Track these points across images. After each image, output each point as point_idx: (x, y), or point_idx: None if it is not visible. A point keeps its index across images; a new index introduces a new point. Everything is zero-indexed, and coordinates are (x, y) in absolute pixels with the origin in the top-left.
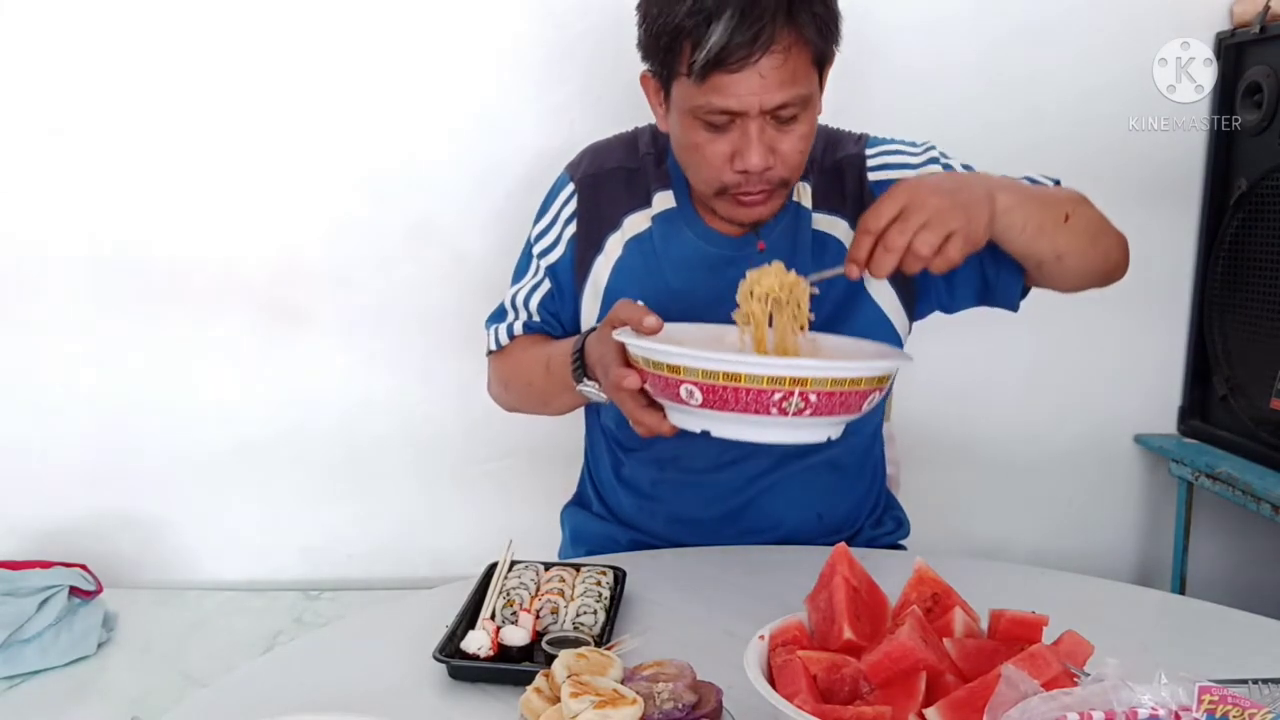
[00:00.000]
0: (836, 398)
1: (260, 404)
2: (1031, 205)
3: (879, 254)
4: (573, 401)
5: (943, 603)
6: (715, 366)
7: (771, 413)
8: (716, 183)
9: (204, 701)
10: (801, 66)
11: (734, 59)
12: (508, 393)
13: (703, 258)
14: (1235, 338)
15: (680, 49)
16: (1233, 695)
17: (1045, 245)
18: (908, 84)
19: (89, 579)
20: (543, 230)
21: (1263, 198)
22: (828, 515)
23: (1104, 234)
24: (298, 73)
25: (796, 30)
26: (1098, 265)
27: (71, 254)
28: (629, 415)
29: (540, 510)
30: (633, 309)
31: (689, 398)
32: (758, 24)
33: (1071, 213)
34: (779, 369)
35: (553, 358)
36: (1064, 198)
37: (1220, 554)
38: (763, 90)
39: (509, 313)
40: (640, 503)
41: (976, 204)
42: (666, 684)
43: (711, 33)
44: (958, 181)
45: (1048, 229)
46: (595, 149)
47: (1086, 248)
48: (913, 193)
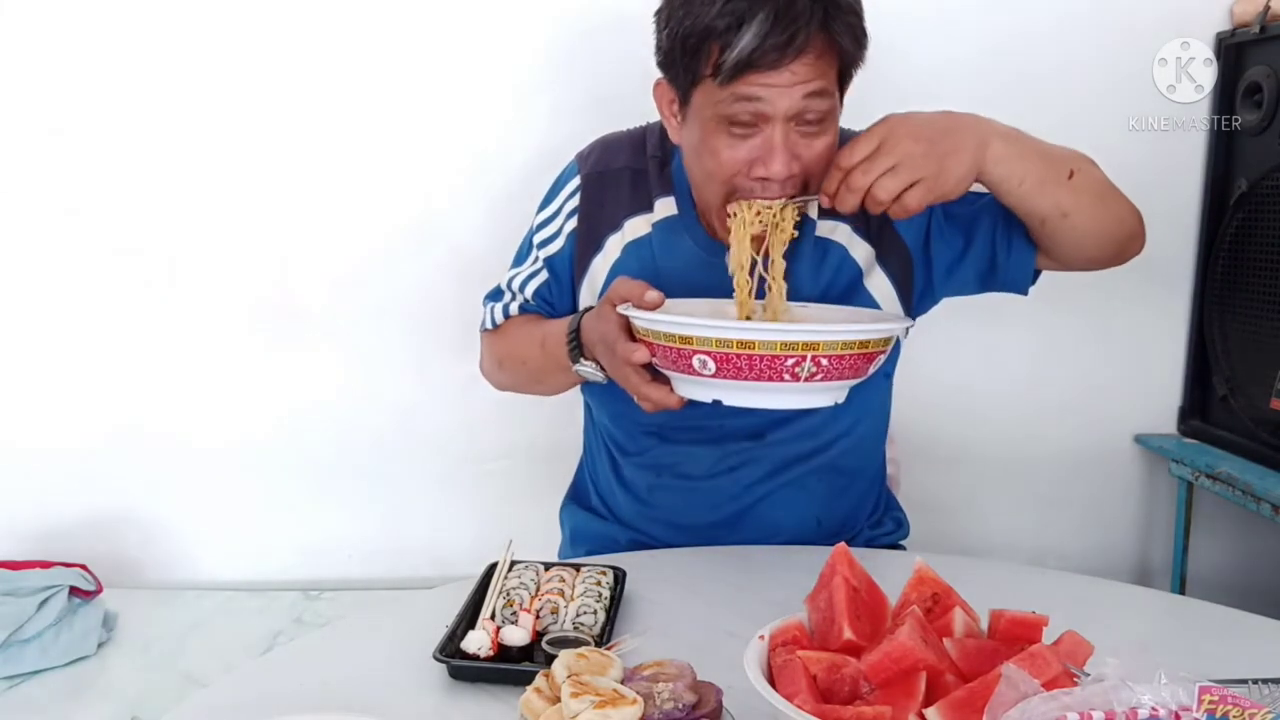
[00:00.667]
0: (846, 361)
1: (260, 404)
2: (1032, 158)
3: (842, 191)
4: (567, 380)
5: (943, 603)
6: (729, 335)
7: (784, 379)
8: (729, 186)
9: (204, 701)
10: (830, 73)
11: (768, 60)
12: (501, 370)
13: (702, 266)
14: (1235, 338)
15: (707, 51)
16: (1233, 695)
17: (1047, 201)
18: (906, 84)
19: (89, 579)
20: (545, 220)
21: (1263, 198)
22: (827, 520)
23: (1114, 197)
24: (297, 73)
25: (830, 37)
26: (1110, 228)
27: (71, 253)
28: (634, 391)
29: (540, 510)
30: (632, 285)
31: (702, 368)
32: (792, 27)
33: (1077, 170)
34: (792, 334)
35: (548, 336)
36: (1071, 154)
37: (1220, 554)
38: (790, 94)
39: (506, 293)
40: (638, 507)
41: (957, 152)
42: (666, 684)
43: (743, 34)
44: (947, 124)
45: (1049, 184)
46: (606, 143)
47: (1094, 207)
48: (891, 131)
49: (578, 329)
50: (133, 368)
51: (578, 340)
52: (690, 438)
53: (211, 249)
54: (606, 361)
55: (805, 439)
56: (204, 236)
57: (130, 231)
